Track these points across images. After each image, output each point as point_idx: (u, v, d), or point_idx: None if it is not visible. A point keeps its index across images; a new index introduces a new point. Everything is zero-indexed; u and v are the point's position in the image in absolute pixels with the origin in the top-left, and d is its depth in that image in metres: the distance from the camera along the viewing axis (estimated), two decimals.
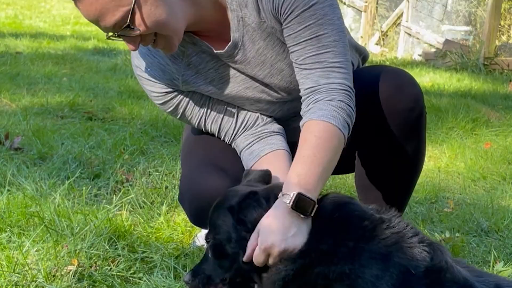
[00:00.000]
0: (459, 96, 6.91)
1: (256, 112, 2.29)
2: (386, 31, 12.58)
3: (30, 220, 2.77)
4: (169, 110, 2.28)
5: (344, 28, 2.10)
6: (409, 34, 11.89)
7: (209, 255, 1.93)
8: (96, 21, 1.91)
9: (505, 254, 2.87)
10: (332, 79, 2.03)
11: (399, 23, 12.29)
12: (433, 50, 10.89)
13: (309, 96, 2.05)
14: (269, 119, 2.31)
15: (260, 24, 2.10)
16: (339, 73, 2.04)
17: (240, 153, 2.26)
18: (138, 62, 2.24)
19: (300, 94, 2.10)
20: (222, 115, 2.27)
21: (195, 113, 2.27)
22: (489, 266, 2.71)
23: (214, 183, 2.15)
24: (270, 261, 1.83)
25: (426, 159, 4.40)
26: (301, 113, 2.08)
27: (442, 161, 4.47)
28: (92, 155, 3.96)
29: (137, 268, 2.51)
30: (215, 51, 2.12)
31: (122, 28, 1.90)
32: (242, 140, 2.26)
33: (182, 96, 2.25)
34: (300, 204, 1.83)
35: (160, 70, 2.21)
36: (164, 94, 2.24)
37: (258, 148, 2.23)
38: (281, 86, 2.25)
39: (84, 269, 2.38)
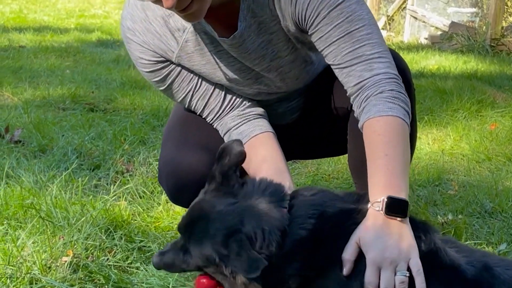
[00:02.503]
0: (464, 78, 6.84)
1: (243, 95, 2.26)
2: (392, 15, 12.48)
3: (27, 212, 2.75)
4: (156, 79, 2.21)
5: (375, 21, 2.03)
6: (415, 18, 11.80)
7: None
8: None
9: (508, 235, 2.83)
10: (375, 70, 1.96)
11: (404, 7, 12.19)
12: (439, 33, 10.80)
13: (358, 94, 1.98)
14: (254, 101, 2.28)
15: (271, 19, 2.04)
16: (381, 63, 1.97)
17: (226, 133, 2.23)
18: (131, 24, 2.15)
19: (348, 94, 2.02)
20: (210, 93, 2.23)
21: (183, 87, 2.21)
22: (492, 247, 2.67)
23: (191, 159, 2.14)
24: (385, 276, 1.73)
25: (430, 141, 4.42)
26: (355, 114, 2.01)
27: (447, 143, 4.41)
28: (93, 146, 3.94)
29: (134, 257, 2.48)
30: (218, 37, 2.07)
31: None
32: (228, 121, 2.23)
33: (173, 67, 2.19)
34: (393, 208, 1.77)
35: (155, 38, 2.13)
36: (154, 62, 2.17)
37: (248, 129, 2.19)
38: (275, 81, 2.22)
39: (80, 260, 2.35)
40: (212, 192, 1.87)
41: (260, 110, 2.26)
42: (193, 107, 2.26)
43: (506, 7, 9.92)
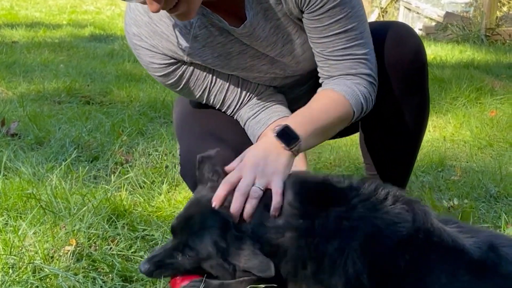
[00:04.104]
0: (461, 67, 6.82)
1: (258, 83, 2.22)
2: (386, 7, 12.46)
3: (27, 203, 2.70)
4: (170, 82, 2.17)
5: (365, 15, 2.09)
6: (409, 9, 11.78)
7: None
8: None
9: None
10: (360, 69, 2.05)
11: None
12: (433, 23, 10.79)
13: (337, 77, 2.07)
14: (271, 88, 2.25)
15: (276, 4, 2.02)
16: (365, 65, 2.05)
17: (245, 124, 2.20)
18: (136, 30, 2.10)
19: (323, 77, 2.10)
20: (227, 86, 2.18)
21: (199, 85, 2.17)
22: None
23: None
24: (243, 178, 1.79)
25: (431, 128, 4.39)
26: (323, 81, 2.10)
27: (448, 131, 4.39)
28: (90, 138, 3.89)
29: (138, 246, 2.43)
30: (228, 26, 2.02)
31: None
32: (246, 110, 2.19)
33: (185, 67, 2.14)
34: (284, 134, 1.85)
35: (163, 40, 2.09)
36: (166, 65, 2.12)
37: (265, 116, 2.17)
38: (290, 65, 2.19)
39: (83, 249, 2.31)
40: (208, 189, 1.85)
41: (277, 96, 2.24)
42: (211, 103, 2.23)
43: None
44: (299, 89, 2.35)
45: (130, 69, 6.34)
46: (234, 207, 1.76)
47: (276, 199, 1.75)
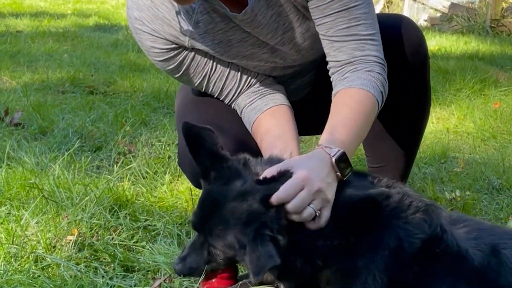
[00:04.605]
0: (466, 58, 6.80)
1: (258, 72, 2.21)
2: None
3: (30, 192, 2.71)
4: (170, 67, 2.16)
5: (372, 1, 2.05)
6: (414, 0, 11.73)
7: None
8: None
9: None
10: (367, 51, 1.99)
11: None
12: (438, 14, 10.74)
13: (344, 67, 2.00)
14: (270, 78, 2.24)
15: None
16: (372, 46, 2.00)
17: (241, 112, 2.19)
18: (138, 14, 2.09)
19: (331, 65, 2.04)
20: (227, 73, 2.18)
21: (199, 71, 2.17)
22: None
23: None
24: (303, 195, 1.67)
25: (434, 120, 4.38)
26: (334, 82, 2.02)
27: (451, 122, 4.38)
28: (94, 128, 3.90)
29: (139, 236, 2.44)
30: (230, 12, 2.01)
31: None
32: (243, 98, 2.18)
33: (186, 53, 2.13)
34: (342, 162, 1.75)
35: (165, 25, 2.08)
36: (167, 50, 2.12)
37: (261, 103, 2.16)
38: (290, 54, 2.18)
39: (85, 239, 2.32)
40: (217, 181, 1.78)
41: (276, 86, 2.22)
42: (210, 91, 2.22)
43: None
44: (300, 80, 2.35)
45: (134, 59, 6.34)
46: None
47: (323, 218, 1.71)
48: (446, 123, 4.38)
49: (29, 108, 4.28)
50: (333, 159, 1.74)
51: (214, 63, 2.16)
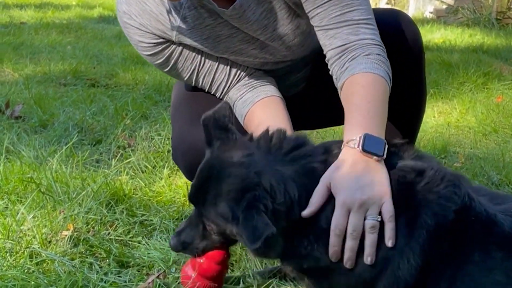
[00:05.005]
0: (470, 51, 6.76)
1: (248, 66, 2.21)
2: None
3: (28, 186, 2.71)
4: (158, 62, 2.16)
5: None
6: None
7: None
8: None
9: None
10: (361, 35, 1.94)
11: None
12: (444, 6, 10.68)
13: (342, 55, 1.94)
14: (261, 71, 2.23)
15: None
16: (367, 29, 1.95)
17: (233, 105, 2.18)
18: (126, 8, 2.09)
19: (328, 56, 1.99)
20: (215, 67, 2.17)
21: (187, 66, 2.16)
22: None
23: None
24: (352, 219, 1.62)
25: (436, 114, 4.36)
26: (335, 75, 1.97)
27: (453, 116, 4.36)
28: (94, 121, 3.90)
29: (136, 231, 2.45)
30: (218, 8, 2.01)
31: None
32: (234, 92, 2.18)
33: (174, 47, 2.13)
34: (370, 145, 1.67)
35: (152, 19, 2.07)
36: (154, 45, 2.11)
37: (252, 95, 2.14)
38: (280, 50, 2.17)
39: (80, 234, 2.32)
40: (220, 149, 1.73)
41: (267, 78, 2.21)
42: (200, 85, 2.21)
43: None
44: (294, 76, 2.34)
45: (137, 51, 6.31)
46: (351, 252, 1.64)
47: (390, 226, 1.62)
48: (448, 117, 4.36)
49: (30, 101, 4.29)
50: (360, 149, 1.67)
51: (203, 57, 2.15)
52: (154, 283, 2.02)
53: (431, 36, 8.13)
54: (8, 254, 2.17)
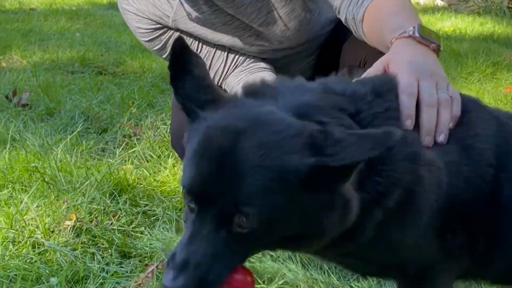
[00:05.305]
0: (480, 40, 6.70)
1: (246, 53, 2.22)
2: None
3: (33, 176, 2.73)
4: (156, 48, 2.19)
5: None
6: None
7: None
8: None
9: None
10: None
11: None
12: None
13: None
14: (259, 58, 2.25)
15: None
16: None
17: (231, 91, 2.19)
18: None
19: (337, 3, 1.88)
20: (213, 54, 2.19)
21: None
22: None
23: None
24: (425, 85, 1.39)
25: None
26: (350, 14, 1.83)
27: None
28: (100, 109, 3.90)
29: (138, 222, 2.46)
30: None
31: None
32: (232, 79, 2.20)
33: (171, 32, 2.16)
34: (426, 33, 1.52)
35: (149, 5, 2.12)
36: (152, 30, 2.15)
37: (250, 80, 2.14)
38: (274, 36, 2.18)
39: (83, 224, 2.33)
40: (231, 107, 1.26)
41: (264, 64, 2.22)
42: None
43: None
44: (295, 67, 2.34)
45: None
46: (431, 123, 1.38)
47: (456, 105, 1.42)
48: None
49: (38, 89, 4.29)
50: (418, 35, 1.51)
51: (200, 43, 2.18)
52: (153, 273, 2.03)
53: (441, 24, 8.07)
54: (10, 243, 2.18)
